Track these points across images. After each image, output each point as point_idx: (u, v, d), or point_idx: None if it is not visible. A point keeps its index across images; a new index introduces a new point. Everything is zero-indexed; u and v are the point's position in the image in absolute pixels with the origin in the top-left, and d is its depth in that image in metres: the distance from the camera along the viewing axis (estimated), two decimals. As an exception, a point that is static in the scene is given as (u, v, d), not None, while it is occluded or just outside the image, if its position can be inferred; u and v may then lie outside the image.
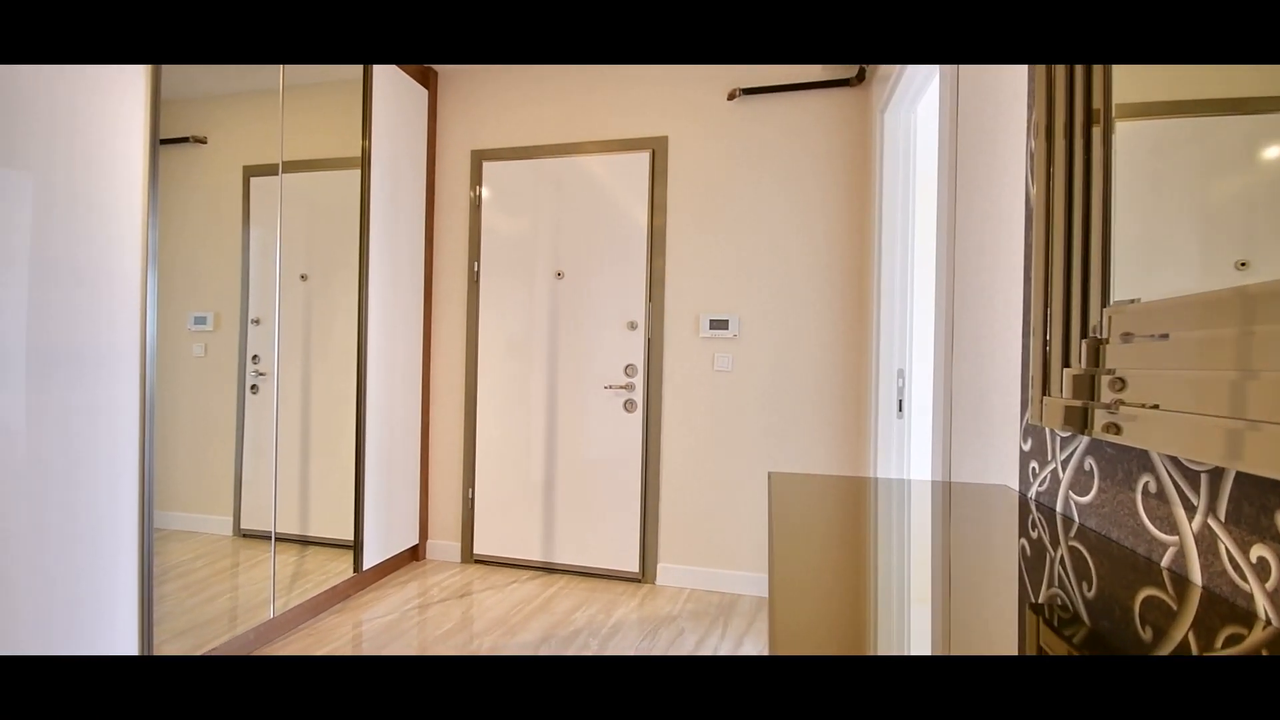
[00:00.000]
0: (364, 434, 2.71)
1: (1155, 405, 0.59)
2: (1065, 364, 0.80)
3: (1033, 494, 1.01)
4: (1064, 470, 0.90)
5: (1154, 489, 0.69)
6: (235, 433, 2.15)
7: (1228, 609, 0.55)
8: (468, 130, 3.20)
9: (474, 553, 3.17)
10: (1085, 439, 0.84)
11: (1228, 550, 0.57)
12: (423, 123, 3.11)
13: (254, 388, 2.21)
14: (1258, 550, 0.54)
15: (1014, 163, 1.14)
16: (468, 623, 2.48)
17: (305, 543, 2.47)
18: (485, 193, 3.16)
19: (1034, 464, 1.01)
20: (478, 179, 3.16)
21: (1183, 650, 0.47)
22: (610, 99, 3.00)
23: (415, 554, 3.19)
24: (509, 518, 3.12)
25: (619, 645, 2.33)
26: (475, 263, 3.16)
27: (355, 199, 2.66)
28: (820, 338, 2.76)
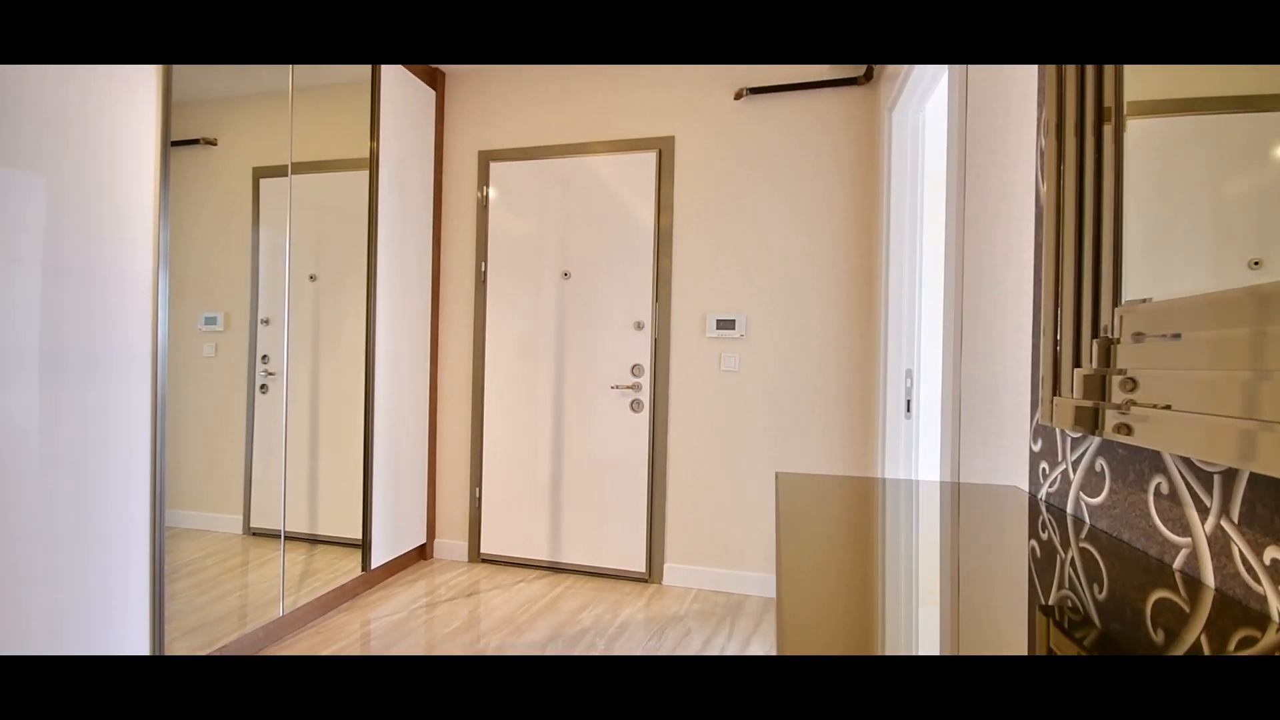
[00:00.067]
0: (372, 433, 2.72)
1: (1167, 406, 0.59)
2: (1076, 364, 0.79)
3: (1043, 495, 1.01)
4: (1075, 471, 0.90)
5: (1166, 490, 0.68)
6: (245, 432, 2.16)
7: (1241, 612, 0.54)
8: (475, 131, 3.21)
9: (481, 552, 3.18)
10: (1096, 440, 0.84)
11: (1241, 552, 0.57)
12: (430, 124, 3.13)
13: (263, 387, 2.23)
14: (1271, 552, 0.53)
15: (1024, 161, 1.13)
16: (475, 622, 2.49)
17: (314, 541, 2.48)
18: (492, 193, 3.16)
19: (1044, 465, 1.01)
20: (485, 179, 3.17)
21: (1195, 654, 0.47)
22: (617, 99, 3.01)
23: (423, 553, 3.20)
24: (516, 517, 3.13)
25: (626, 645, 2.33)
26: (482, 263, 3.17)
27: (364, 200, 2.68)
28: (827, 337, 2.75)
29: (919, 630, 0.51)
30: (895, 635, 0.49)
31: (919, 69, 2.02)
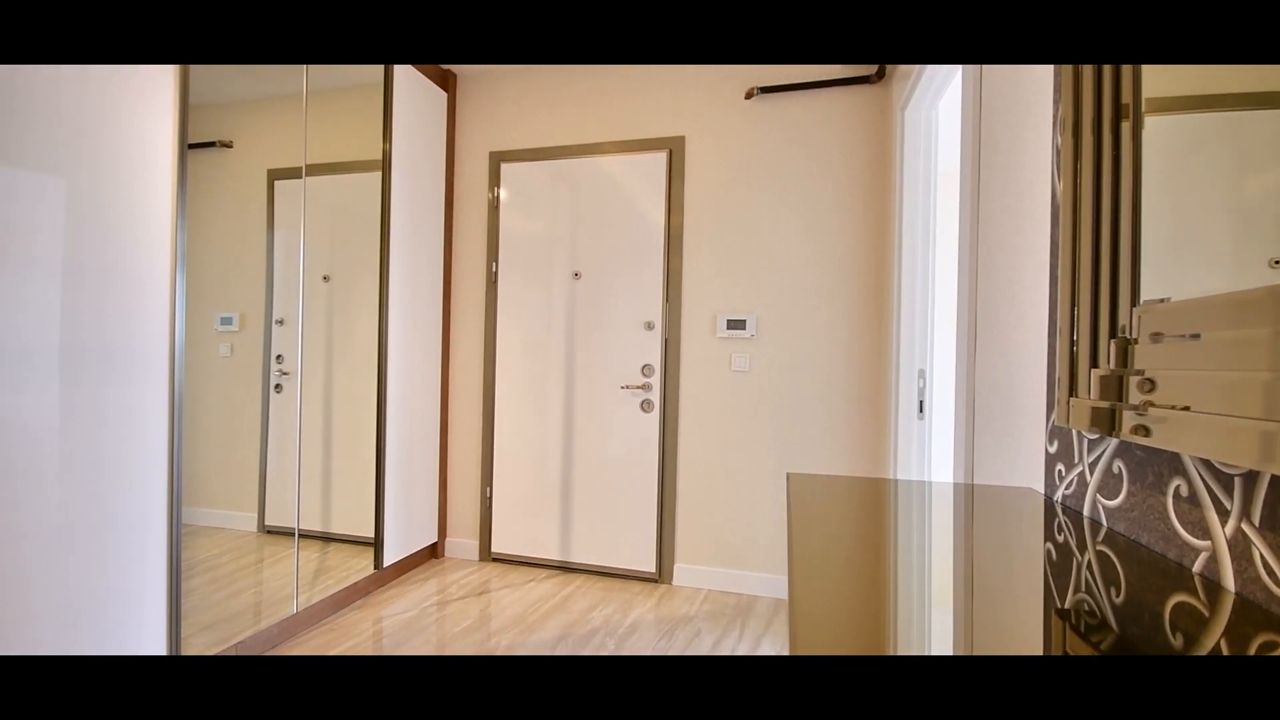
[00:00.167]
0: (384, 433, 2.74)
1: (1186, 407, 0.58)
2: (1093, 364, 0.78)
3: (1059, 497, 1.00)
4: (1091, 473, 0.89)
5: (1185, 492, 0.67)
6: (260, 431, 2.19)
7: (1262, 616, 0.53)
8: (486, 132, 3.22)
9: (492, 551, 3.19)
10: (1114, 441, 0.83)
11: (1262, 555, 0.56)
12: (442, 125, 3.15)
13: (278, 387, 2.25)
14: (1295, 556, 0.52)
15: (1039, 159, 1.12)
16: (485, 620, 2.50)
17: (327, 539, 2.50)
18: (503, 194, 3.18)
19: (1060, 466, 0.99)
20: (496, 180, 3.19)
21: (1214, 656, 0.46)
22: (627, 99, 3.01)
23: (434, 551, 3.22)
24: (526, 517, 3.14)
25: (636, 645, 2.33)
26: (493, 263, 3.18)
27: (376, 201, 2.70)
28: (839, 337, 2.74)
29: (932, 632, 0.50)
30: (908, 637, 0.49)
31: (932, 68, 2.00)
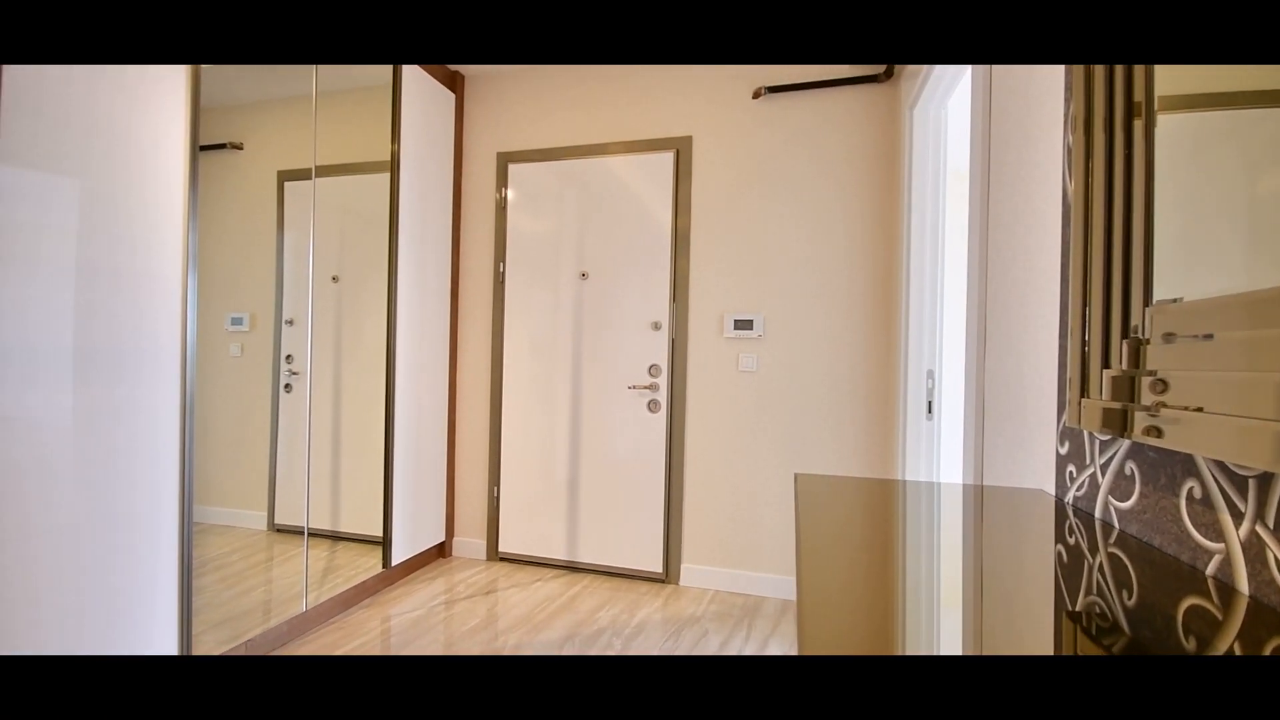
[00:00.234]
0: (393, 432, 2.75)
1: (1199, 408, 0.57)
2: (1105, 365, 0.78)
3: (1069, 499, 0.99)
4: (1103, 474, 0.88)
5: (1199, 494, 0.67)
6: (270, 430, 2.20)
7: (1276, 619, 0.53)
8: (493, 133, 3.23)
9: (499, 550, 3.20)
10: (1126, 442, 0.82)
11: (1276, 558, 0.55)
12: (449, 126, 3.16)
13: (288, 387, 2.27)
14: (1311, 559, 0.52)
15: (1049, 158, 1.11)
16: (493, 620, 2.51)
17: (336, 538, 2.52)
18: (510, 194, 3.19)
19: (1071, 468, 0.99)
20: (503, 181, 3.19)
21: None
22: (634, 99, 3.01)
23: (442, 551, 3.23)
24: (533, 516, 3.15)
25: (642, 645, 2.33)
26: (501, 264, 3.19)
27: (384, 202, 2.71)
28: (847, 338, 2.73)
29: (941, 634, 0.50)
30: (916, 638, 0.49)
31: (940, 67, 1.99)
